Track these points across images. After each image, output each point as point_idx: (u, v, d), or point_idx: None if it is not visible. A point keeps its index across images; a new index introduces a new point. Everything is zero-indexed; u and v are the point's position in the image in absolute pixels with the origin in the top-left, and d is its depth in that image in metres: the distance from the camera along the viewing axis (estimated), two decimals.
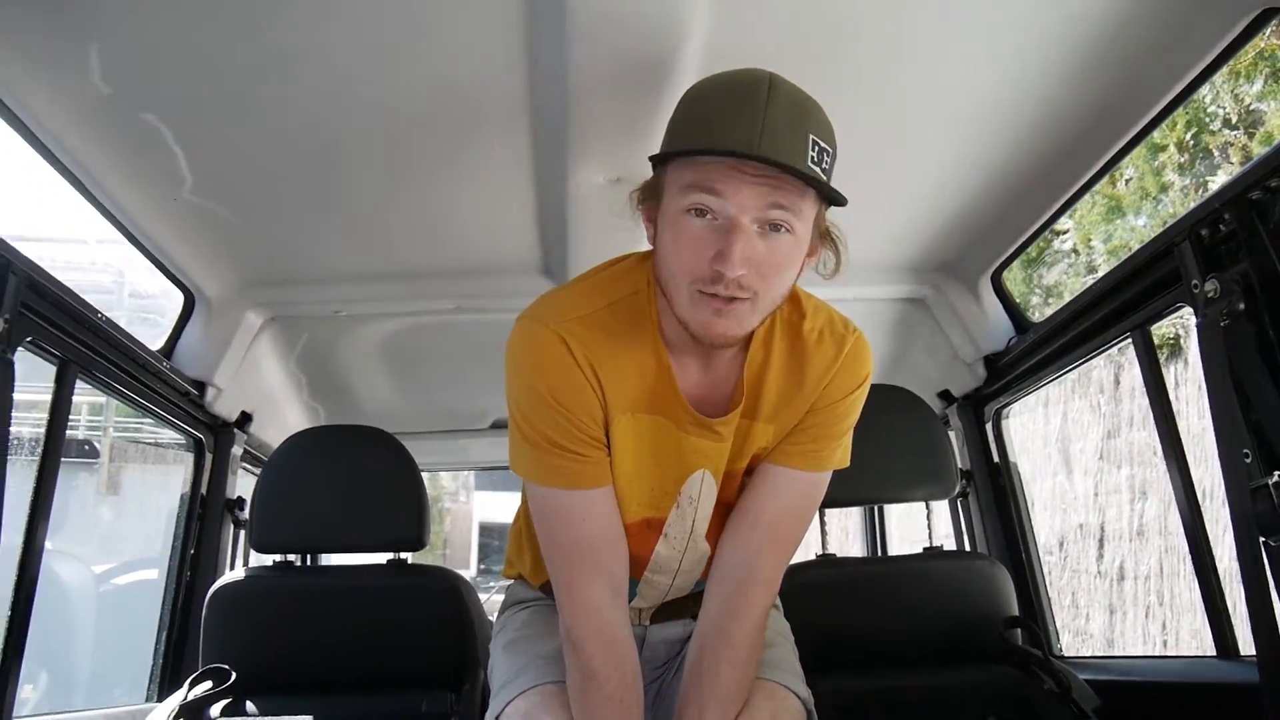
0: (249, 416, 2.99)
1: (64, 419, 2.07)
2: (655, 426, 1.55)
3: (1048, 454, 5.90)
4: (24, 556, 1.98)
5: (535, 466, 1.53)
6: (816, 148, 1.31)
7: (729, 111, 1.30)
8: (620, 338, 1.51)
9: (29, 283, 1.79)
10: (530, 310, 1.53)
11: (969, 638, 2.32)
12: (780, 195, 1.31)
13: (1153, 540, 5.11)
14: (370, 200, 2.19)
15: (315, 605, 2.33)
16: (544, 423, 1.49)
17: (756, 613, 1.61)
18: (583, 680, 1.55)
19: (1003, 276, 2.69)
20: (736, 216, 1.32)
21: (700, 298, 1.36)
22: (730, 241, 1.31)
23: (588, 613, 1.55)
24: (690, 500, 1.63)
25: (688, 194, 1.34)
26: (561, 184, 2.05)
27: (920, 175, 2.18)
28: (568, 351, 1.47)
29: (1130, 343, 2.23)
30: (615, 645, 1.56)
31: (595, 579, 1.55)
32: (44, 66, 1.62)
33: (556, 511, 1.55)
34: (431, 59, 1.65)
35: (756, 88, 1.30)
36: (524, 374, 1.50)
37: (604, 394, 1.50)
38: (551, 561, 1.59)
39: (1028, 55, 1.73)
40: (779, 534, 1.63)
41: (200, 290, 2.58)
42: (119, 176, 1.97)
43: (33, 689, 4.67)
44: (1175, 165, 5.00)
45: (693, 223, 1.34)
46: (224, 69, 1.67)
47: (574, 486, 1.53)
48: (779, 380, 1.56)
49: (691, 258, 1.35)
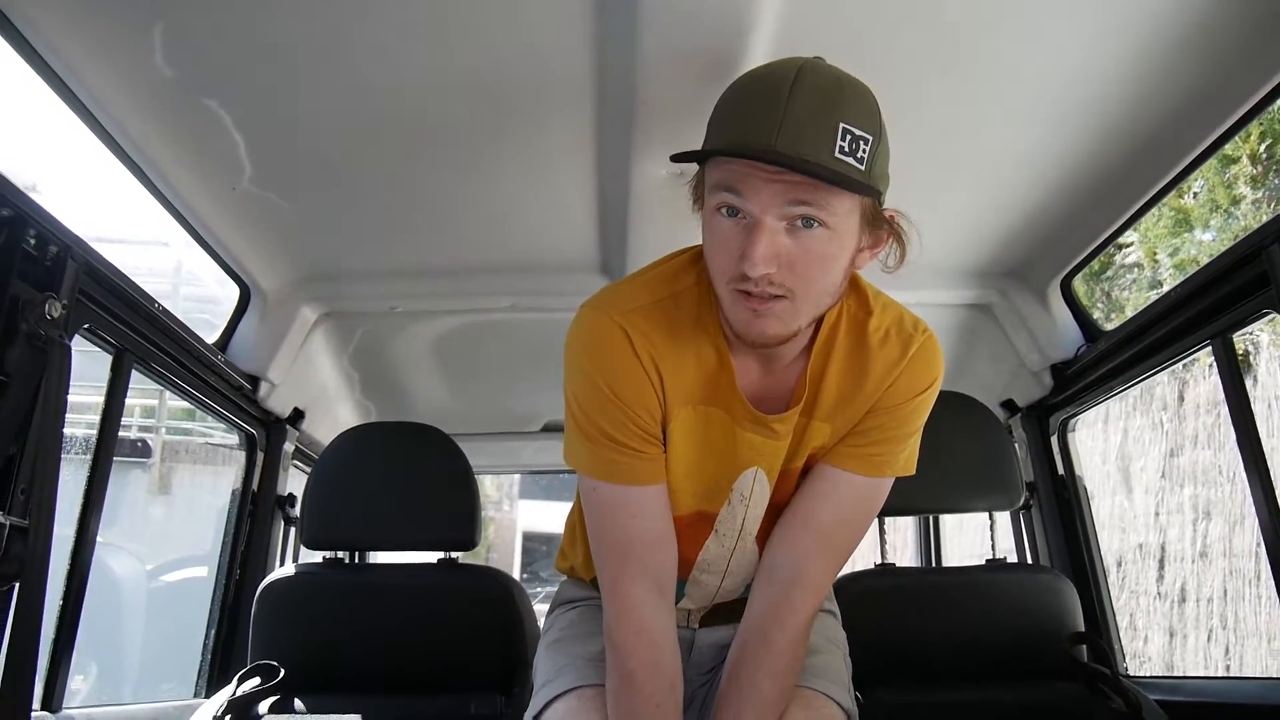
0: (301, 413, 2.99)
1: (119, 409, 2.07)
2: (711, 419, 1.51)
3: (1107, 472, 5.77)
4: (76, 548, 1.98)
5: (589, 460, 1.50)
6: (848, 136, 1.25)
7: (750, 107, 1.27)
8: (681, 330, 1.47)
9: (87, 269, 1.78)
10: (593, 300, 1.50)
11: (1033, 653, 2.25)
12: (803, 191, 1.26)
13: (1216, 562, 4.97)
14: (429, 192, 2.17)
15: (365, 603, 2.31)
16: (601, 416, 1.46)
17: (800, 619, 1.56)
18: (620, 682, 1.51)
19: (1073, 283, 2.61)
20: (759, 216, 1.28)
21: (738, 297, 1.33)
22: (752, 241, 1.28)
23: (630, 612, 1.51)
24: (742, 498, 1.58)
25: (716, 194, 1.31)
26: (624, 176, 2.01)
27: (992, 174, 2.11)
28: (629, 344, 1.44)
29: (1201, 355, 2.14)
30: (656, 648, 1.51)
31: (641, 578, 1.51)
32: (108, 48, 1.61)
33: (607, 507, 1.52)
34: (499, 41, 1.62)
35: (782, 79, 1.26)
36: (583, 366, 1.47)
37: (664, 389, 1.47)
38: (599, 558, 1.55)
39: (1115, 42, 1.65)
40: (831, 539, 1.58)
41: (256, 284, 2.57)
42: (179, 164, 1.96)
43: (83, 679, 4.71)
44: (1248, 178, 4.86)
45: (723, 222, 1.32)
46: (285, 52, 1.65)
47: (627, 482, 1.49)
48: (839, 378, 1.51)
49: (724, 258, 1.32)
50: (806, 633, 1.58)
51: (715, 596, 1.73)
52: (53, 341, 1.63)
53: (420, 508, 2.31)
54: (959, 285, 2.67)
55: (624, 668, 1.50)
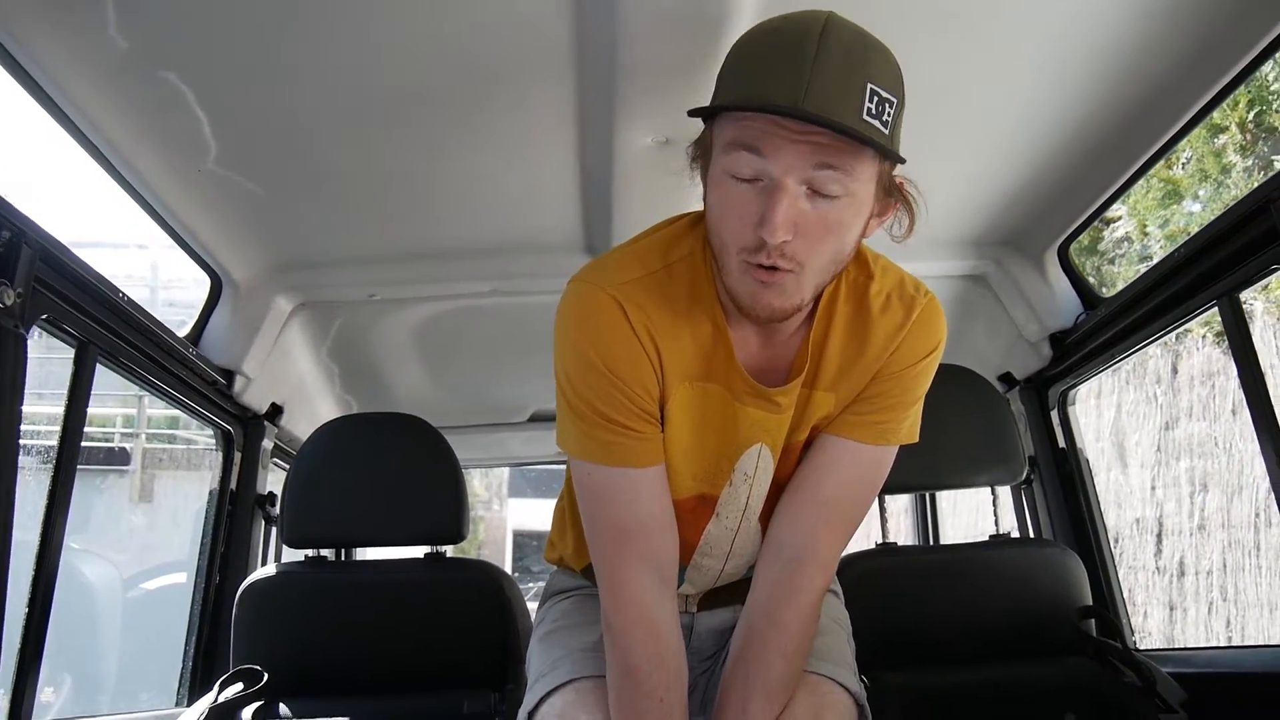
0: (279, 409, 2.90)
1: (83, 406, 1.97)
2: (710, 395, 1.43)
3: (1101, 448, 5.74)
4: (41, 552, 1.88)
5: (582, 441, 1.42)
6: (875, 98, 1.18)
7: (774, 61, 1.18)
8: (677, 303, 1.39)
9: (44, 255, 1.69)
10: (582, 273, 1.41)
11: (1041, 629, 2.21)
12: (829, 154, 1.19)
13: (1215, 534, 4.95)
14: (405, 171, 2.08)
15: (350, 601, 2.23)
16: (594, 394, 1.38)
17: (810, 598, 1.48)
18: (621, 675, 1.43)
19: (1070, 250, 2.54)
20: (780, 178, 1.20)
21: (747, 268, 1.26)
22: (772, 204, 1.20)
23: (630, 601, 1.43)
24: (745, 477, 1.51)
25: (729, 153, 1.22)
26: (607, 146, 1.93)
27: (986, 135, 2.04)
28: (624, 317, 1.36)
29: (1194, 326, 2.08)
30: (658, 638, 1.43)
31: (641, 566, 1.43)
32: (59, 18, 1.52)
33: (603, 491, 1.44)
34: (475, 9, 1.55)
35: (807, 32, 1.18)
36: (575, 340, 1.38)
37: (661, 363, 1.39)
38: (595, 545, 1.47)
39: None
40: (837, 512, 1.50)
41: (227, 273, 2.48)
42: (140, 144, 1.87)
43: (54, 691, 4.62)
44: (1237, 146, 4.82)
45: (736, 186, 1.23)
46: (249, 22, 1.57)
47: (624, 464, 1.41)
48: (841, 346, 1.44)
49: (736, 223, 1.24)
50: (817, 610, 1.51)
51: (717, 580, 1.66)
52: (6, 332, 1.54)
53: (404, 500, 2.24)
54: (953, 256, 2.61)
55: (625, 661, 1.43)
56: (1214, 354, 4.96)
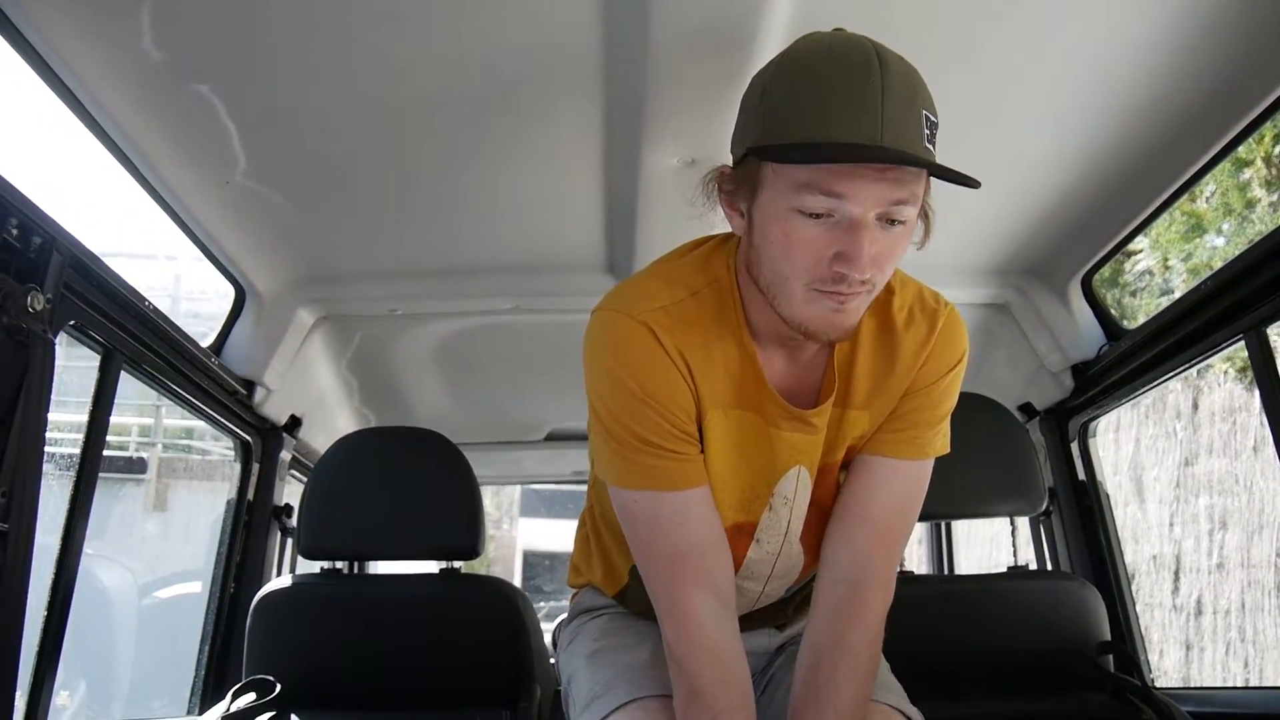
0: (298, 420, 2.91)
1: (106, 413, 1.98)
2: (745, 424, 1.43)
3: (1119, 482, 5.69)
4: (62, 556, 1.89)
5: (625, 469, 1.40)
6: (929, 123, 1.19)
7: (844, 100, 1.16)
8: (705, 330, 1.39)
9: (73, 262, 1.70)
10: (608, 301, 1.41)
11: (1058, 663, 2.18)
12: (902, 188, 1.19)
13: (1234, 573, 4.89)
14: (430, 187, 2.09)
15: (364, 614, 2.23)
16: (633, 419, 1.36)
17: (874, 618, 1.47)
18: (688, 699, 1.40)
19: (1094, 280, 2.53)
20: (862, 216, 1.19)
21: (817, 295, 1.25)
22: (858, 244, 1.19)
23: (691, 625, 1.40)
24: (785, 500, 1.49)
25: (800, 194, 1.20)
26: (633, 166, 1.94)
27: (1011, 167, 2.04)
28: (656, 342, 1.35)
29: (1215, 361, 2.07)
30: (723, 661, 1.40)
31: (699, 589, 1.40)
32: (94, 29, 1.53)
33: (650, 518, 1.41)
34: (506, 22, 1.55)
35: (868, 65, 1.17)
36: (609, 367, 1.37)
37: (696, 386, 1.38)
38: (649, 573, 1.44)
39: (1143, 23, 1.58)
40: (889, 530, 1.50)
41: (251, 285, 2.49)
42: (170, 155, 1.88)
43: (69, 696, 4.62)
44: (1262, 181, 4.80)
45: (806, 224, 1.21)
46: (280, 36, 1.58)
47: (670, 488, 1.39)
48: (869, 363, 1.44)
49: (807, 260, 1.23)
50: (880, 632, 1.49)
51: (756, 602, 1.64)
52: (35, 336, 1.55)
53: (421, 515, 2.23)
54: (975, 284, 2.59)
55: (691, 685, 1.40)
56: (1235, 389, 4.91)
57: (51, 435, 1.67)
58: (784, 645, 1.72)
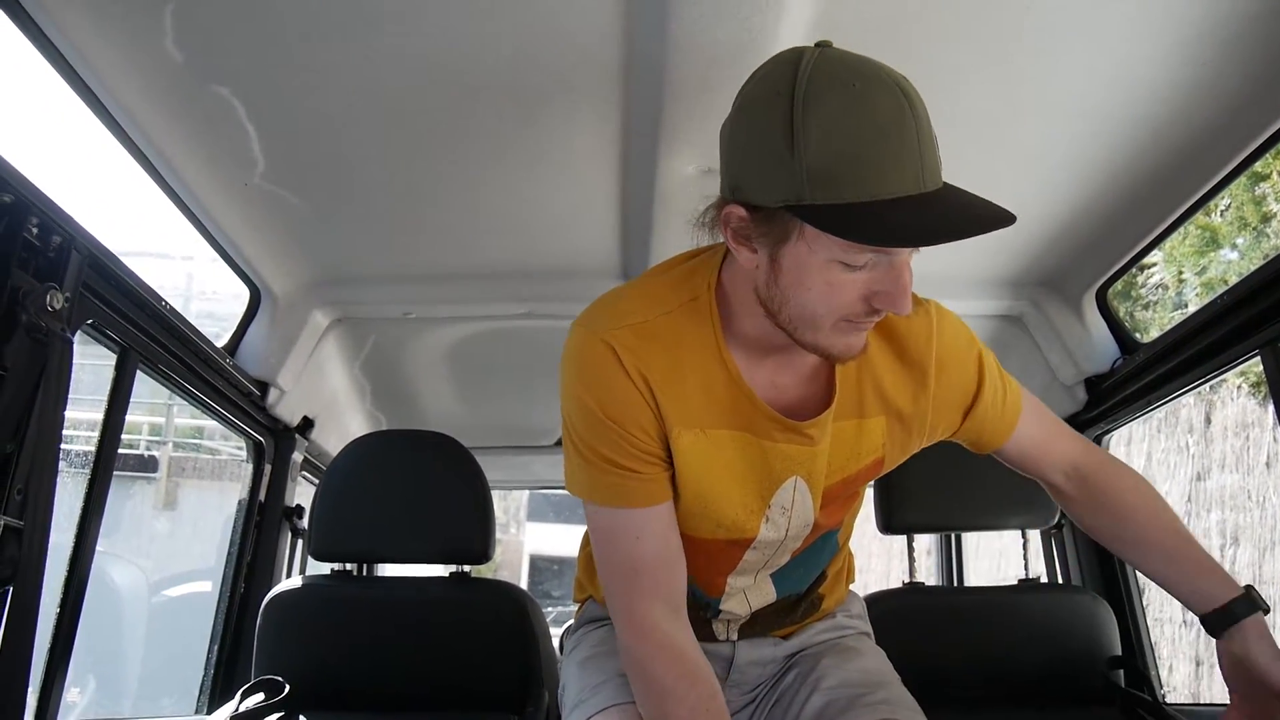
0: (310, 422, 2.91)
1: (122, 410, 1.99)
2: (733, 442, 1.43)
3: None
4: (75, 554, 1.90)
5: (588, 483, 1.43)
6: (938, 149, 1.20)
7: (884, 153, 1.14)
8: (677, 349, 1.39)
9: (92, 262, 1.71)
10: (584, 314, 1.43)
11: (1069, 677, 2.19)
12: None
13: None
14: (447, 191, 2.10)
15: (373, 617, 2.23)
16: (596, 439, 1.39)
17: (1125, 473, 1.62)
18: (659, 699, 1.41)
19: (1109, 293, 2.52)
20: (905, 259, 1.23)
21: (848, 327, 1.27)
22: (901, 286, 1.23)
23: (649, 630, 1.42)
24: (783, 511, 1.49)
25: (849, 252, 1.20)
26: (649, 173, 1.94)
27: (1028, 178, 2.03)
28: (617, 362, 1.36)
29: (1229, 376, 2.06)
30: (684, 660, 1.42)
31: (653, 599, 1.42)
32: (116, 31, 1.54)
33: (610, 530, 1.44)
34: (525, 26, 1.55)
35: (900, 109, 1.15)
36: (573, 389, 1.40)
37: (658, 407, 1.38)
38: (607, 583, 1.47)
39: (1162, 35, 1.58)
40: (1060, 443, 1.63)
41: (267, 286, 2.50)
42: (189, 156, 1.89)
43: (79, 693, 4.64)
44: (1278, 194, 4.77)
45: (849, 273, 1.22)
46: (300, 40, 1.59)
47: (627, 505, 1.41)
48: (879, 366, 1.45)
49: (845, 303, 1.24)
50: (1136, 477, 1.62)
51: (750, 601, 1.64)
52: (53, 334, 1.55)
53: (432, 518, 2.24)
54: (989, 296, 2.59)
55: (659, 687, 1.41)
56: (1249, 405, 4.88)
57: (65, 433, 1.68)
58: (794, 656, 1.71)
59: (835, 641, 1.72)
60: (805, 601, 1.69)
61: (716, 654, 1.67)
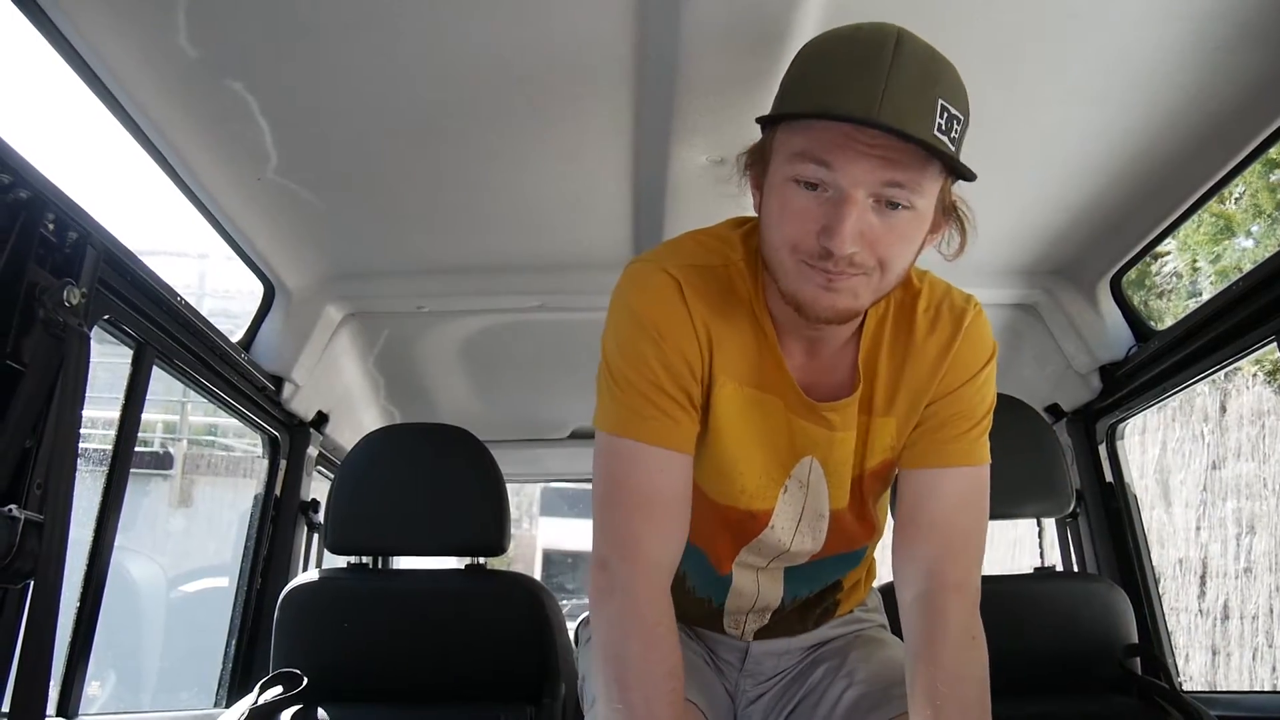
0: (325, 417, 2.92)
1: (139, 405, 2.01)
2: (763, 404, 1.42)
3: (1144, 485, 5.64)
4: (94, 548, 1.91)
5: (617, 414, 1.38)
6: (945, 114, 1.17)
7: (847, 72, 1.16)
8: (729, 300, 1.39)
9: (108, 257, 1.72)
10: (642, 256, 1.43)
11: (1085, 665, 2.17)
12: (898, 169, 1.18)
13: (1262, 578, 4.84)
14: (459, 184, 2.10)
15: (390, 609, 2.24)
16: (638, 366, 1.36)
17: (955, 627, 1.38)
18: (620, 611, 1.34)
19: (1123, 281, 2.51)
20: (849, 190, 1.19)
21: (806, 269, 1.24)
22: (840, 216, 1.19)
23: (643, 555, 1.36)
24: (800, 484, 1.48)
25: (795, 163, 1.21)
26: (662, 164, 1.94)
27: (1043, 166, 2.02)
28: (679, 294, 1.36)
29: (1244, 365, 2.05)
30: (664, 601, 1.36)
31: (656, 538, 1.36)
32: (130, 25, 1.55)
33: (631, 462, 1.37)
34: (538, 18, 1.56)
35: (881, 45, 1.16)
36: (630, 303, 1.37)
37: (711, 352, 1.38)
38: (612, 514, 1.39)
39: (1179, 20, 1.57)
40: (950, 538, 1.42)
41: (280, 281, 2.51)
42: (202, 151, 1.90)
43: (100, 686, 4.66)
44: None
45: (799, 194, 1.22)
46: (313, 35, 1.59)
47: (653, 442, 1.37)
48: (890, 367, 1.43)
49: (796, 231, 1.23)
50: (970, 640, 1.41)
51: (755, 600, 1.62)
52: (71, 330, 1.56)
53: (448, 511, 2.24)
54: (1002, 284, 2.58)
55: (634, 610, 1.34)
56: (1265, 393, 4.87)
57: (81, 431, 1.69)
58: (816, 648, 1.70)
59: (858, 634, 1.72)
60: (820, 607, 1.68)
61: (733, 645, 1.68)
